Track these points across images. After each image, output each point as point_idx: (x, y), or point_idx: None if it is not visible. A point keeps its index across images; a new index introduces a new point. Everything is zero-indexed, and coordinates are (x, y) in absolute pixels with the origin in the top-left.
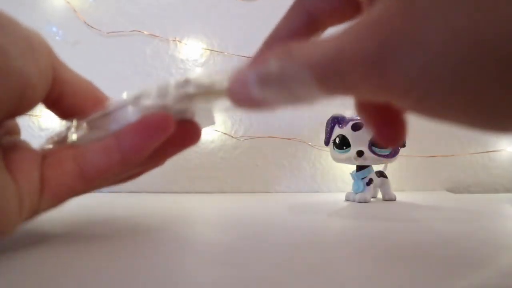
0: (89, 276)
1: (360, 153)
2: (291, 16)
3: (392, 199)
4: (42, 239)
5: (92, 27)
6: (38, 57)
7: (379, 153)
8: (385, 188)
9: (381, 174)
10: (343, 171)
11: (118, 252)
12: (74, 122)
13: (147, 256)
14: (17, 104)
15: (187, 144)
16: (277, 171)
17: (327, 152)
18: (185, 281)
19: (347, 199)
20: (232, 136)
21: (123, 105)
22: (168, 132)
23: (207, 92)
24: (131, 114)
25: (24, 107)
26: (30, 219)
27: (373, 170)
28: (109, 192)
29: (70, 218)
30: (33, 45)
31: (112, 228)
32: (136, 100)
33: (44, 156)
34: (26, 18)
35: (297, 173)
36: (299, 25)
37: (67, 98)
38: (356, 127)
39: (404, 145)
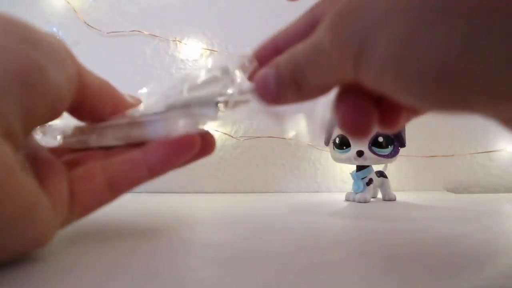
0: (88, 276)
1: (360, 153)
2: (299, 19)
3: (392, 199)
4: None
5: (92, 27)
6: (67, 68)
7: (379, 153)
8: (385, 188)
9: (381, 174)
10: (343, 171)
11: (118, 251)
12: (99, 125)
13: (147, 256)
14: (48, 116)
15: (204, 155)
16: (277, 171)
17: (327, 152)
18: (185, 281)
19: (347, 199)
20: (232, 136)
21: (152, 119)
22: (194, 152)
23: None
24: (161, 129)
25: (52, 117)
26: (60, 229)
27: (373, 170)
28: None
29: None
30: (62, 56)
31: (112, 228)
32: (167, 111)
33: (67, 164)
34: (26, 18)
35: (297, 173)
36: (305, 24)
37: (87, 102)
38: None
39: (404, 145)
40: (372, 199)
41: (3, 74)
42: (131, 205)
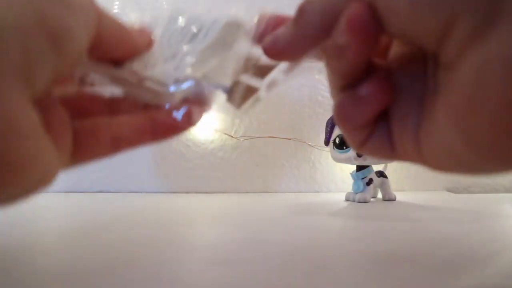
0: (88, 276)
1: (360, 153)
2: None
3: (392, 199)
4: (46, 237)
5: None
6: (91, 25)
7: None
8: (385, 188)
9: (381, 174)
10: (343, 171)
11: (118, 251)
12: (103, 69)
13: (147, 256)
14: (67, 73)
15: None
16: (277, 171)
17: (327, 152)
18: (185, 280)
19: (347, 199)
20: (232, 136)
21: (158, 89)
22: (197, 122)
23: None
24: (166, 100)
25: (69, 72)
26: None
27: (373, 170)
28: (109, 192)
29: (71, 218)
30: (87, 12)
31: (111, 227)
32: (177, 82)
33: (68, 107)
34: None
35: (297, 173)
36: None
37: (97, 48)
38: None
39: None
40: (372, 199)
41: (39, 39)
42: (131, 205)
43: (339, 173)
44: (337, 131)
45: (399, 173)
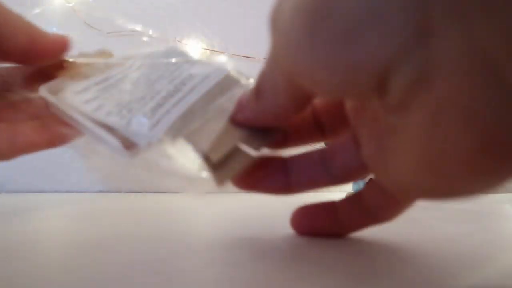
0: (88, 275)
1: None
2: None
3: None
4: (47, 236)
5: (92, 27)
6: None
7: None
8: None
9: None
10: None
11: (117, 251)
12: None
13: (146, 256)
14: None
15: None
16: None
17: None
18: (185, 281)
19: None
20: None
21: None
22: None
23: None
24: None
25: None
26: None
27: None
28: (109, 191)
29: (71, 217)
30: None
31: (112, 227)
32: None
33: None
34: (26, 17)
35: None
36: None
37: (5, 41)
38: None
39: None
40: None
41: None
42: (130, 205)
43: None
44: None
45: None
